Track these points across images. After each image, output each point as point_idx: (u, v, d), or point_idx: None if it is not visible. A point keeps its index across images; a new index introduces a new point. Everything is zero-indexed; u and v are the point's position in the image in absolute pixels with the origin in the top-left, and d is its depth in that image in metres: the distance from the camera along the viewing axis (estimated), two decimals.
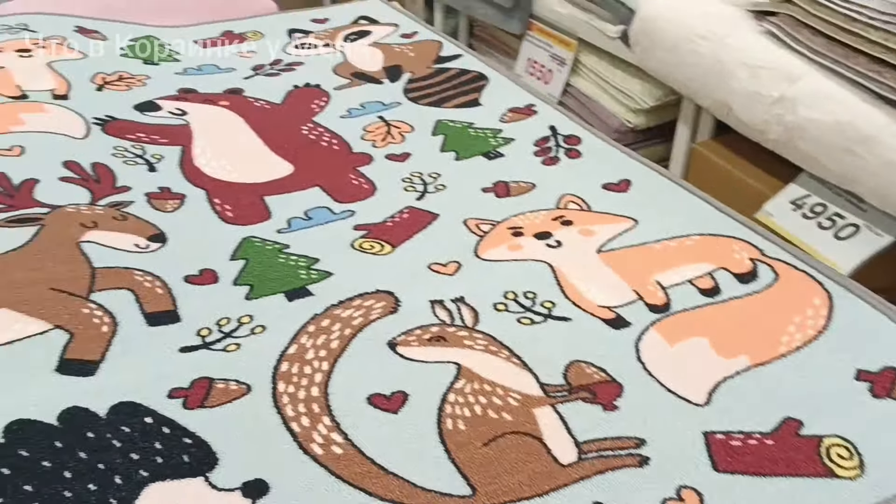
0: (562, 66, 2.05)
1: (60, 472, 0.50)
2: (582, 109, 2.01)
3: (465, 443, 0.54)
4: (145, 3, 1.41)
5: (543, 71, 2.13)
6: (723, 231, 0.75)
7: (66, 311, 0.63)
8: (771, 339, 0.62)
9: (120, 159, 0.85)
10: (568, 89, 2.05)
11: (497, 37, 2.40)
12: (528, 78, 2.17)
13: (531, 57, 2.15)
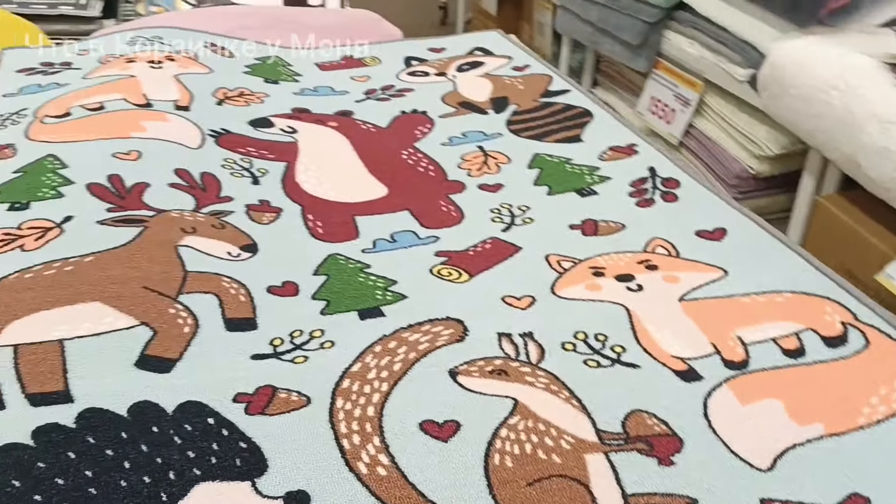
0: (686, 107, 2.01)
1: (121, 462, 0.52)
2: (703, 152, 1.96)
3: (509, 480, 0.53)
4: (279, 24, 1.49)
5: (666, 110, 2.09)
6: (817, 290, 0.71)
7: (153, 310, 0.66)
8: (851, 409, 0.59)
9: (228, 171, 0.89)
10: (690, 130, 2.00)
11: (623, 73, 2.37)
12: (650, 117, 2.14)
13: (655, 95, 2.11)
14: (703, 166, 1.97)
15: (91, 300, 0.66)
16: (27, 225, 0.74)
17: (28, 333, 0.62)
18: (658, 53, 2.07)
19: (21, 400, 0.56)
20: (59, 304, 0.65)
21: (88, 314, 0.65)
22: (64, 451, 0.53)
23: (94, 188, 0.80)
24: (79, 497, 0.50)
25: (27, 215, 0.75)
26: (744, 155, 1.72)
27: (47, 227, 0.74)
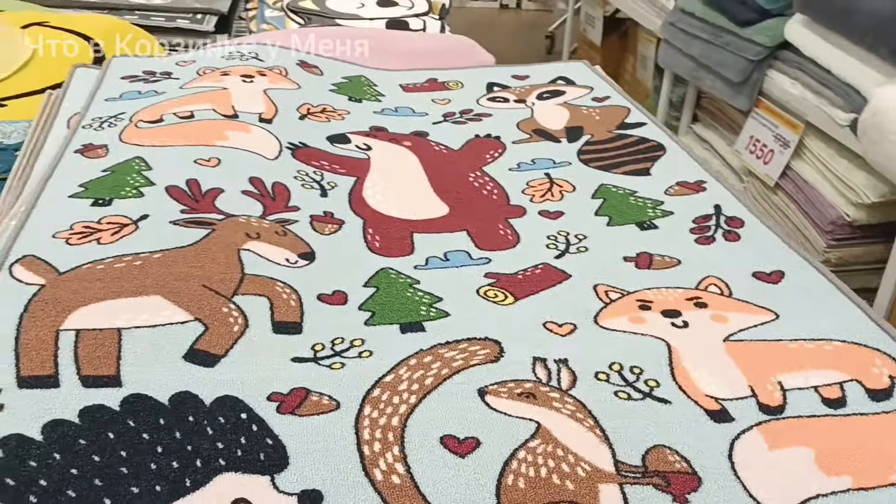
0: (784, 148, 1.95)
1: (154, 446, 0.56)
2: (799, 195, 1.90)
3: (519, 501, 0.54)
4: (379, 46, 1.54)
5: (765, 150, 2.04)
6: (869, 342, 0.69)
7: (208, 307, 0.70)
8: (885, 464, 0.57)
9: (299, 182, 0.93)
10: (787, 172, 1.94)
11: (724, 110, 2.33)
12: (748, 156, 2.09)
13: (754, 135, 2.06)
14: (799, 210, 1.90)
15: (153, 293, 0.70)
16: (106, 220, 0.79)
17: (91, 320, 0.67)
18: (760, 92, 2.02)
19: (75, 381, 0.61)
20: (123, 296, 0.70)
21: (148, 306, 0.69)
22: (105, 431, 0.56)
23: (172, 190, 0.85)
24: (111, 474, 0.53)
25: (108, 211, 0.81)
26: (841, 201, 1.67)
27: (124, 224, 0.79)
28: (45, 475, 0.52)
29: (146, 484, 0.53)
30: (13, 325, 0.65)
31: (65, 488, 0.52)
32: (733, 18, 2.05)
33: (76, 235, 0.77)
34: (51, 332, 0.65)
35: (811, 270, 0.78)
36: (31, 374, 0.61)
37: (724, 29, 2.09)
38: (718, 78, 2.15)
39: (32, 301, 0.67)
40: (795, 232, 1.90)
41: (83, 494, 0.51)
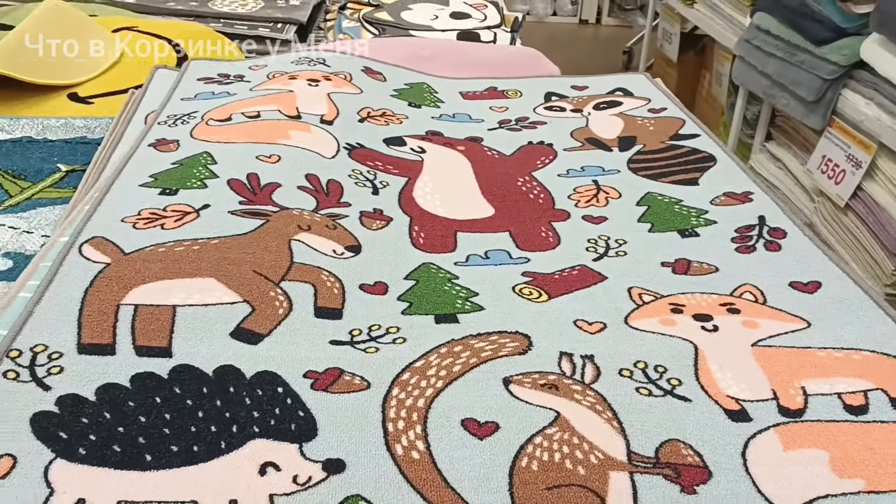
0: (856, 169, 1.92)
1: (196, 412, 0.60)
2: (869, 216, 1.86)
3: (529, 482, 0.56)
4: (446, 57, 1.59)
5: (836, 170, 2.00)
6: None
7: (257, 291, 0.75)
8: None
9: (353, 180, 0.98)
10: (858, 193, 1.90)
11: (798, 130, 2.29)
12: (819, 175, 2.05)
13: (826, 154, 2.03)
14: (868, 231, 1.86)
15: (207, 276, 0.76)
16: (171, 208, 0.85)
17: (149, 297, 0.72)
18: (833, 111, 1.99)
19: (130, 350, 0.66)
20: (180, 276, 0.75)
21: (202, 287, 0.74)
22: (152, 396, 0.61)
23: (233, 183, 0.90)
24: (154, 434, 0.58)
25: (173, 200, 0.87)
26: None
27: (186, 212, 0.85)
28: (95, 431, 0.57)
29: (185, 444, 0.57)
30: (79, 298, 0.70)
31: (111, 444, 0.56)
32: (809, 37, 2.03)
33: (142, 221, 0.83)
34: (112, 305, 0.70)
35: (848, 282, 0.78)
36: (90, 341, 0.66)
37: (800, 47, 2.06)
38: (792, 96, 2.12)
39: (98, 277, 0.73)
40: (863, 253, 1.86)
41: (127, 450, 0.56)
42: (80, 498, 0.52)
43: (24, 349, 0.64)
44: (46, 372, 0.62)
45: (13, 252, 0.97)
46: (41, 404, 0.59)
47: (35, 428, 0.57)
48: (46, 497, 0.52)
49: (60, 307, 0.69)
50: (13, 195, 1.09)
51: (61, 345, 0.65)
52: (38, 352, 0.64)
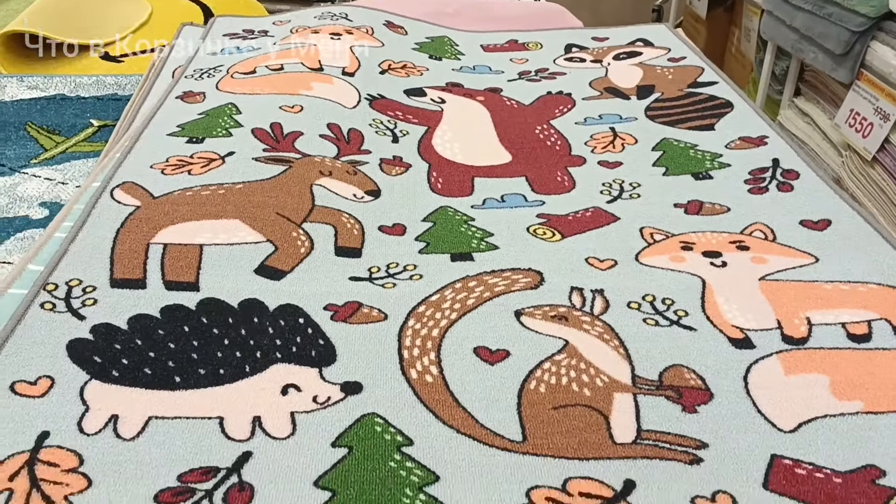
0: (884, 122, 1.89)
1: (222, 340, 0.64)
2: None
3: (537, 402, 0.59)
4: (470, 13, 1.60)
5: (864, 124, 1.98)
6: None
7: (280, 231, 0.78)
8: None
9: (373, 129, 1.00)
10: (886, 146, 1.88)
11: (827, 84, 2.26)
12: (847, 129, 2.03)
13: (854, 108, 2.00)
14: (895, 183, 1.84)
15: (232, 217, 0.79)
16: (198, 155, 0.88)
17: (177, 237, 0.76)
18: (862, 65, 1.96)
19: (159, 284, 0.69)
20: (207, 218, 0.79)
21: (227, 228, 0.77)
22: (181, 325, 0.65)
23: (257, 132, 0.93)
24: (182, 358, 0.61)
25: (199, 148, 0.90)
26: None
27: (212, 159, 0.88)
28: (127, 356, 0.61)
29: (211, 367, 0.61)
30: (110, 238, 0.74)
31: (142, 367, 0.60)
32: None
33: (170, 167, 0.86)
34: (142, 244, 0.74)
35: (858, 219, 0.79)
36: (122, 276, 0.70)
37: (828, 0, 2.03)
38: (820, 50, 2.09)
39: (129, 219, 0.77)
40: (891, 207, 1.84)
41: (157, 372, 0.60)
42: (114, 414, 0.55)
43: (59, 283, 0.68)
44: (81, 304, 0.66)
45: (49, 202, 1.01)
46: (76, 332, 0.63)
47: (71, 353, 0.61)
48: (82, 413, 0.55)
49: (93, 246, 0.73)
50: (48, 149, 1.13)
51: (94, 279, 0.69)
52: (73, 286, 0.68)
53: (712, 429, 0.56)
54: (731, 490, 0.51)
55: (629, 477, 0.52)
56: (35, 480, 0.49)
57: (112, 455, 0.52)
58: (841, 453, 0.54)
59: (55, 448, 0.52)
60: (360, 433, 0.56)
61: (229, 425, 0.55)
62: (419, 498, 0.50)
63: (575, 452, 0.54)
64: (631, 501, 0.50)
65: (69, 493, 0.49)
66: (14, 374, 0.58)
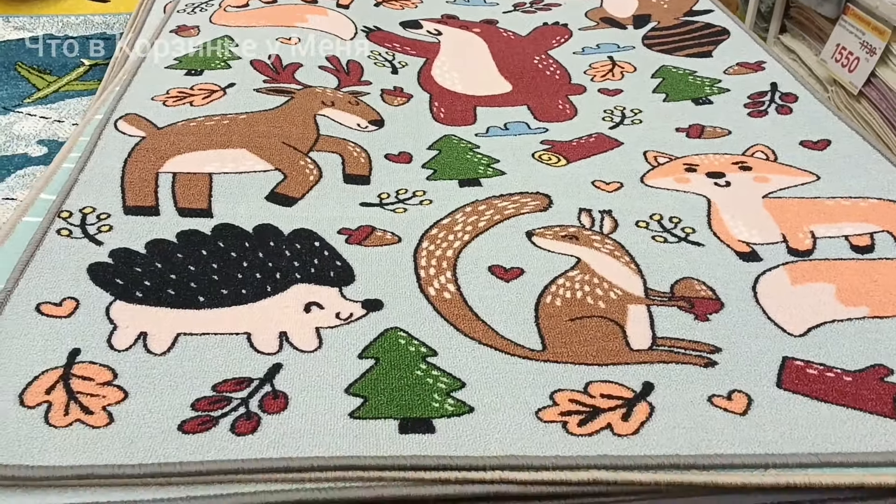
0: (870, 56, 1.90)
1: (240, 262, 0.65)
2: (882, 102, 1.86)
3: (554, 314, 0.60)
4: None
5: (850, 58, 1.99)
6: None
7: (287, 160, 0.78)
8: None
9: (372, 61, 1.00)
10: (872, 80, 1.90)
11: (813, 20, 2.26)
12: (834, 65, 2.04)
13: (840, 42, 2.01)
14: (881, 117, 1.87)
15: (239, 147, 0.79)
16: (198, 87, 0.88)
17: (186, 166, 0.76)
18: None
19: (172, 211, 0.70)
20: (213, 147, 0.79)
21: (235, 157, 0.77)
22: (199, 249, 0.65)
23: (256, 63, 0.93)
24: (203, 279, 0.62)
25: (199, 80, 0.89)
26: None
27: (213, 90, 0.87)
28: (149, 278, 0.62)
29: (233, 288, 0.62)
30: (119, 168, 0.74)
31: (165, 288, 0.61)
32: None
33: (171, 99, 0.85)
34: (151, 173, 0.74)
35: (857, 139, 0.81)
36: (134, 204, 0.70)
37: None
38: None
39: (135, 149, 0.77)
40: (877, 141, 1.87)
41: (180, 293, 0.60)
42: (142, 331, 0.56)
43: (73, 210, 0.68)
44: (97, 230, 0.66)
45: (46, 139, 1.00)
46: (95, 256, 0.63)
47: (92, 276, 0.61)
48: (110, 331, 0.56)
49: (103, 175, 0.73)
50: (41, 88, 1.12)
51: (108, 207, 0.69)
52: (87, 213, 0.68)
53: (725, 335, 0.58)
54: (745, 389, 0.53)
55: (647, 380, 0.54)
56: (72, 392, 0.50)
57: (145, 369, 0.53)
58: (850, 354, 0.56)
59: (87, 363, 0.53)
60: (384, 345, 0.57)
61: (257, 340, 0.57)
62: (448, 402, 0.52)
63: (594, 359, 0.56)
64: (651, 401, 0.52)
65: (107, 404, 0.50)
66: (38, 296, 0.58)
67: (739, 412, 0.52)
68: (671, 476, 0.47)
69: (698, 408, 0.52)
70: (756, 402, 0.52)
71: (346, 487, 0.46)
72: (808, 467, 0.48)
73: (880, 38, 1.88)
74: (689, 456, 0.48)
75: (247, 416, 0.50)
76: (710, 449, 0.49)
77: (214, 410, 0.50)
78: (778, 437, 0.49)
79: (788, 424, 0.50)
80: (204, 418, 0.49)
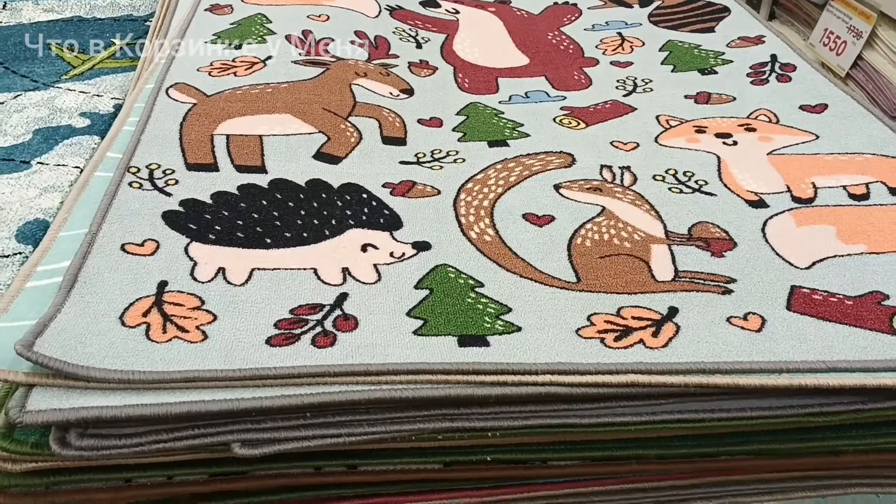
0: (857, 39, 1.98)
1: (298, 210, 0.71)
2: (868, 83, 1.93)
3: (585, 253, 0.67)
4: None
5: (837, 42, 2.06)
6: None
7: (329, 123, 0.85)
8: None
9: (397, 36, 1.06)
10: (858, 63, 1.98)
11: (801, 6, 2.34)
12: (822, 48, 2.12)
13: (828, 27, 2.09)
14: (867, 98, 1.94)
15: (284, 112, 0.85)
16: (239, 59, 0.94)
17: (237, 128, 0.82)
18: None
19: (230, 167, 0.76)
20: (260, 112, 0.85)
21: (281, 121, 0.84)
22: (259, 199, 0.72)
23: (290, 38, 0.99)
24: (268, 224, 0.69)
25: (239, 53, 0.95)
26: None
27: (253, 62, 0.93)
28: (218, 223, 0.68)
29: (295, 231, 0.68)
30: (176, 130, 0.80)
31: (235, 231, 0.67)
32: None
33: (216, 70, 0.91)
34: (206, 135, 0.80)
35: (852, 103, 0.88)
36: (195, 161, 0.76)
37: None
38: None
39: (189, 113, 0.83)
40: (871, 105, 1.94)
41: (249, 235, 0.67)
42: (221, 267, 0.63)
43: (140, 167, 0.74)
44: (164, 183, 0.72)
45: (88, 112, 1.06)
46: (167, 206, 0.70)
47: (167, 221, 0.68)
48: (192, 267, 0.63)
49: (162, 137, 0.79)
50: (76, 66, 1.17)
51: (171, 163, 0.75)
52: (153, 168, 0.74)
53: (738, 268, 0.65)
54: (759, 311, 0.60)
55: (672, 305, 0.61)
56: (166, 315, 0.57)
57: (228, 297, 0.59)
58: (850, 283, 0.63)
59: (176, 292, 0.59)
60: (437, 278, 0.64)
61: (323, 273, 0.63)
62: (498, 323, 0.59)
63: (624, 288, 0.63)
64: (677, 322, 0.59)
65: (199, 325, 0.56)
66: (121, 238, 0.65)
67: (755, 329, 0.59)
68: (698, 379, 0.54)
69: (718, 326, 0.59)
70: (769, 321, 0.59)
71: (418, 389, 0.52)
72: (817, 372, 0.54)
73: (866, 22, 1.96)
74: (713, 363, 0.55)
75: (323, 333, 0.56)
76: (731, 358, 0.56)
77: (295, 329, 0.57)
78: (789, 349, 0.56)
79: (798, 339, 0.58)
80: (287, 335, 0.56)
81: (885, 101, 1.86)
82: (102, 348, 0.53)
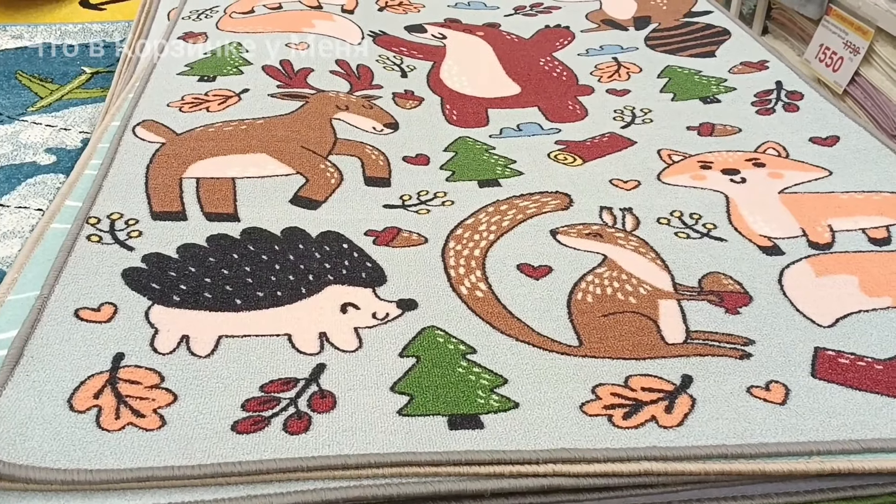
0: (854, 55, 1.94)
1: (272, 265, 0.65)
2: (867, 101, 1.89)
3: (587, 311, 0.61)
4: None
5: (834, 58, 2.02)
6: None
7: (308, 164, 0.79)
8: None
9: (381, 65, 1.00)
10: (856, 79, 1.93)
11: (795, 21, 2.30)
12: (818, 64, 2.08)
13: (824, 43, 2.05)
14: (866, 115, 1.90)
15: (259, 152, 0.79)
16: (212, 93, 0.88)
17: (208, 171, 0.76)
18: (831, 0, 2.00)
19: (199, 216, 0.70)
20: (234, 153, 0.79)
21: (256, 161, 0.78)
22: (230, 253, 0.66)
23: (268, 69, 0.93)
24: (238, 282, 0.62)
25: (213, 86, 0.90)
26: None
27: (228, 96, 0.87)
28: (184, 282, 0.62)
29: (269, 290, 0.62)
30: (142, 174, 0.74)
31: (202, 291, 0.61)
32: None
33: (187, 105, 0.85)
34: (175, 179, 0.74)
35: (865, 134, 0.83)
36: (161, 209, 0.70)
37: None
38: None
39: (156, 155, 0.77)
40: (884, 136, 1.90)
41: (217, 296, 0.61)
42: (184, 334, 0.57)
43: (101, 217, 0.68)
44: (126, 235, 0.66)
45: (54, 147, 1.00)
46: (128, 262, 0.63)
47: (127, 281, 0.61)
48: (152, 335, 0.56)
49: (127, 181, 0.73)
50: (43, 97, 1.11)
51: (135, 212, 0.69)
52: (115, 219, 0.68)
53: (756, 327, 0.59)
54: (782, 380, 0.55)
55: (686, 373, 0.55)
56: (120, 396, 0.51)
57: (191, 371, 0.53)
58: (878, 343, 0.58)
59: (133, 367, 0.53)
60: (424, 344, 0.58)
61: (298, 340, 0.57)
62: (492, 398, 0.53)
63: (631, 353, 0.57)
64: (692, 393, 0.53)
65: (157, 407, 0.50)
66: (76, 301, 0.58)
67: (779, 402, 0.53)
68: (720, 466, 0.48)
69: (738, 398, 0.53)
70: (793, 391, 0.53)
71: (403, 483, 0.46)
72: (851, 454, 0.49)
73: (863, 37, 1.92)
74: (735, 446, 0.49)
75: (297, 415, 0.50)
76: (755, 438, 0.50)
77: (265, 410, 0.50)
78: (818, 425, 0.51)
79: (827, 412, 0.52)
80: (256, 419, 0.50)
81: (885, 120, 1.81)
82: (46, 440, 0.47)
